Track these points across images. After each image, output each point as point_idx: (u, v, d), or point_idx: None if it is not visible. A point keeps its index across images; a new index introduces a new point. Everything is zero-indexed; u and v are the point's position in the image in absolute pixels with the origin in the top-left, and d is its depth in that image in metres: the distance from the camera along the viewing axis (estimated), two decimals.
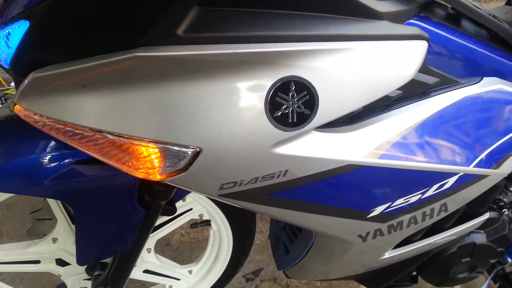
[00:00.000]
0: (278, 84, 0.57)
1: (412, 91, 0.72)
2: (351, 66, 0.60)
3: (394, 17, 0.68)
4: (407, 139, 0.70)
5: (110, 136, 0.57)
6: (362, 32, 0.61)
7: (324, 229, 0.78)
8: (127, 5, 0.52)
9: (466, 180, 0.78)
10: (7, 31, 0.52)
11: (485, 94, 0.77)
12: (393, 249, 0.93)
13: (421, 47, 0.67)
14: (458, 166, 0.75)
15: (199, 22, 0.53)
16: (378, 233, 0.82)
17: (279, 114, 0.58)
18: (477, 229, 1.00)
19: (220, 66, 0.55)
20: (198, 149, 0.58)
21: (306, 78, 0.58)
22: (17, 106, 0.60)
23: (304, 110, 0.59)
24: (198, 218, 1.16)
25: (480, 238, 1.00)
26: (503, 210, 1.02)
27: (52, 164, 0.73)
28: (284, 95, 0.58)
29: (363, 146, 0.67)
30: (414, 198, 0.76)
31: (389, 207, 0.76)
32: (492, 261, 1.07)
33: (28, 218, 1.05)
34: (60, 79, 0.54)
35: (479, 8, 0.78)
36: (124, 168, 0.61)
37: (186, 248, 1.72)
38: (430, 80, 0.73)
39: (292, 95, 0.58)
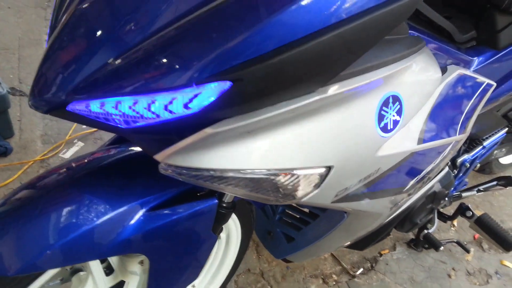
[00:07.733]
0: (383, 100, 0.69)
1: None
2: (415, 77, 0.76)
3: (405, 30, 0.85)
4: (429, 123, 0.90)
5: (263, 174, 0.61)
6: (410, 49, 0.77)
7: (375, 210, 0.93)
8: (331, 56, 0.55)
9: (455, 146, 1.02)
10: (196, 92, 0.50)
11: (453, 79, 1.01)
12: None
13: (429, 51, 0.87)
14: (454, 137, 0.98)
15: None
16: (399, 202, 1.02)
17: (383, 124, 0.71)
18: None
19: (348, 96, 0.64)
20: (329, 167, 0.67)
21: (398, 91, 0.71)
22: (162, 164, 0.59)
23: (397, 118, 0.73)
24: None
25: (439, 187, 1.29)
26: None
27: (130, 218, 0.71)
28: (386, 108, 0.70)
29: (413, 135, 0.84)
30: (430, 167, 0.97)
31: (416, 179, 0.95)
32: (443, 202, 1.38)
33: None
34: (232, 131, 0.56)
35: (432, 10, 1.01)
36: (270, 199, 0.65)
37: None
38: None
39: (390, 107, 0.71)
